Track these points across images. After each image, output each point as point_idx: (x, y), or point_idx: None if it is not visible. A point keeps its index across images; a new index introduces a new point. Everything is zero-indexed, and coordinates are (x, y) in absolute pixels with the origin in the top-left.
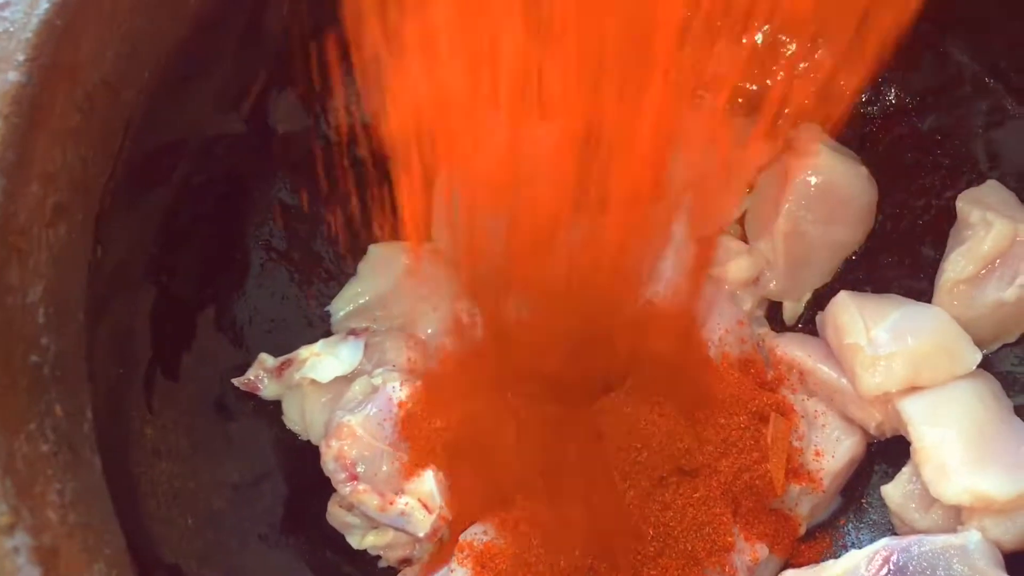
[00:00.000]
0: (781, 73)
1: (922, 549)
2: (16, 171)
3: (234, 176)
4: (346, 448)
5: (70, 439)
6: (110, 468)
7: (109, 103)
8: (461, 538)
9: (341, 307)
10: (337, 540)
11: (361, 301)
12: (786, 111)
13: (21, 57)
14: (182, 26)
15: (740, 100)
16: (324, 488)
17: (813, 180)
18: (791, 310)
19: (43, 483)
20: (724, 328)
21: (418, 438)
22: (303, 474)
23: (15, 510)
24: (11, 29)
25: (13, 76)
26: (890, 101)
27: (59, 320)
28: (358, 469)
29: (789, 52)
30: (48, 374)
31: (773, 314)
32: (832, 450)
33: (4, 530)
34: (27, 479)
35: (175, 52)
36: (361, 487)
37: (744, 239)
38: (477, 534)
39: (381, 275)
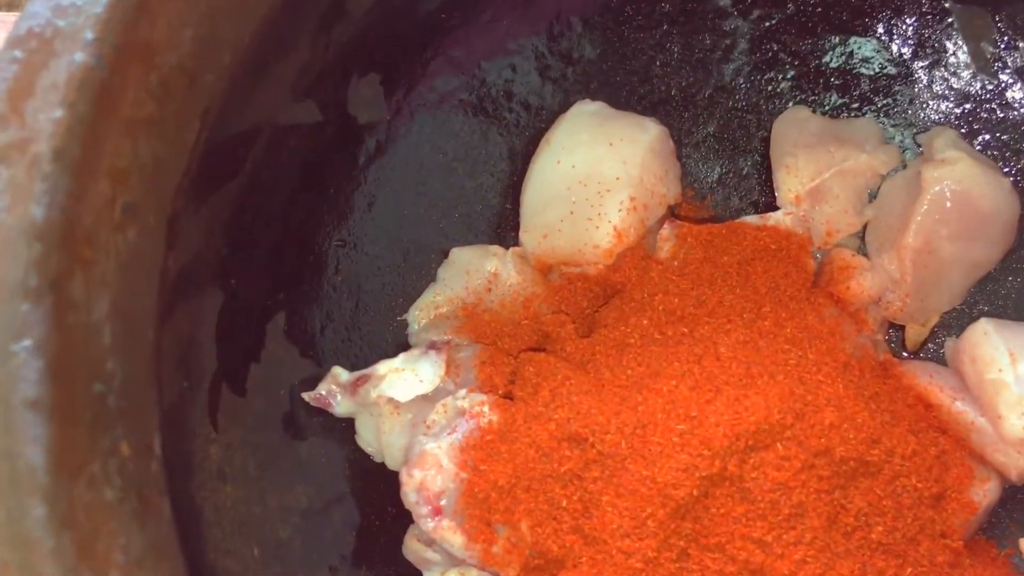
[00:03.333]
0: None
1: None
2: (83, 167)
3: (308, 169)
4: (429, 479)
5: (137, 483)
6: (174, 497)
7: (186, 90)
8: None
9: (419, 316)
10: (412, 574)
11: (441, 310)
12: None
13: (90, 36)
14: (264, 3)
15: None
16: (399, 516)
17: (950, 191)
18: (915, 335)
19: (107, 538)
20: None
21: (507, 470)
22: (376, 500)
23: (75, 572)
24: (79, 3)
25: (81, 57)
26: None
27: (127, 340)
28: (442, 502)
29: None
30: (114, 405)
31: (892, 339)
32: None
33: None
34: (89, 534)
35: (256, 33)
36: (446, 523)
37: (862, 252)
38: None
39: (463, 281)
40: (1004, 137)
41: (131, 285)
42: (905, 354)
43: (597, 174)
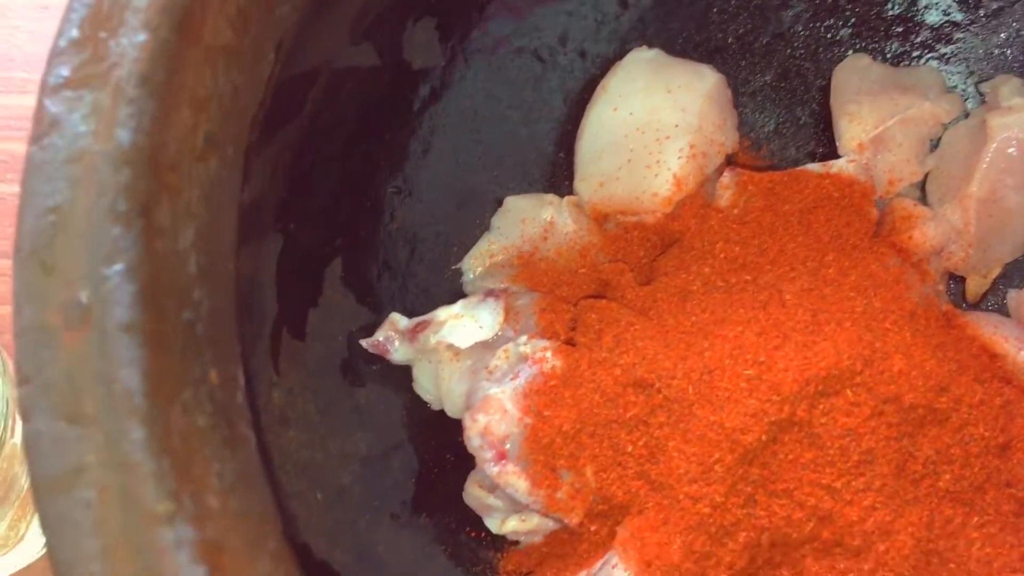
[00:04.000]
0: None
1: None
2: (167, 94)
3: (364, 114)
4: (494, 424)
5: (227, 411)
6: None
7: (263, 20)
8: (621, 531)
9: (474, 264)
10: (474, 521)
11: (496, 259)
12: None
13: None
14: None
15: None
16: (458, 464)
17: (1016, 140)
18: (976, 286)
19: (202, 463)
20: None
21: (572, 416)
22: (435, 448)
23: (175, 496)
24: None
25: None
26: None
27: (212, 270)
28: (506, 447)
29: None
30: (202, 334)
31: (952, 291)
32: None
33: (163, 520)
34: (185, 459)
35: None
36: (510, 468)
37: (923, 202)
38: (641, 527)
39: (518, 230)
40: None
41: (213, 216)
42: (965, 306)
43: (655, 121)
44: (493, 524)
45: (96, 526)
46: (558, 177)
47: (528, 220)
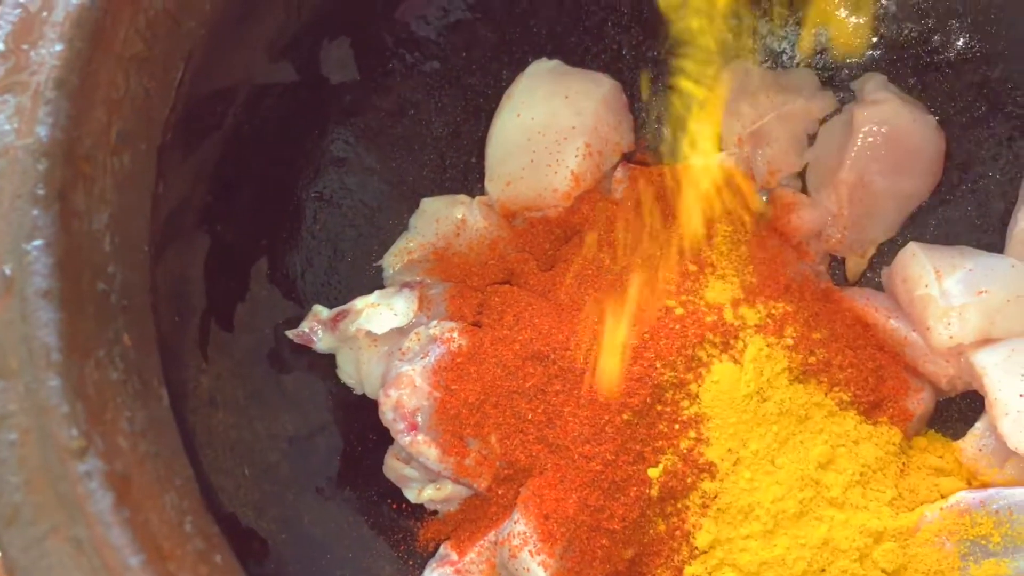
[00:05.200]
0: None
1: (1000, 504)
2: (80, 96)
3: (285, 126)
4: (405, 398)
5: (139, 369)
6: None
7: (171, 33)
8: (524, 491)
9: (393, 261)
10: (394, 494)
11: (414, 256)
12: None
13: None
14: None
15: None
16: (380, 443)
17: (879, 129)
18: (855, 265)
19: (113, 410)
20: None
21: (476, 388)
22: (358, 429)
23: (87, 435)
24: None
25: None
26: (959, 48)
27: (125, 249)
28: (417, 419)
29: None
30: (115, 302)
31: (834, 272)
32: None
33: (76, 454)
34: (98, 405)
35: None
36: (421, 438)
37: (805, 192)
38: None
39: (434, 229)
40: (929, 80)
41: (127, 203)
42: (846, 284)
43: (554, 124)
44: (411, 494)
45: (19, 462)
46: (471, 179)
47: (442, 219)
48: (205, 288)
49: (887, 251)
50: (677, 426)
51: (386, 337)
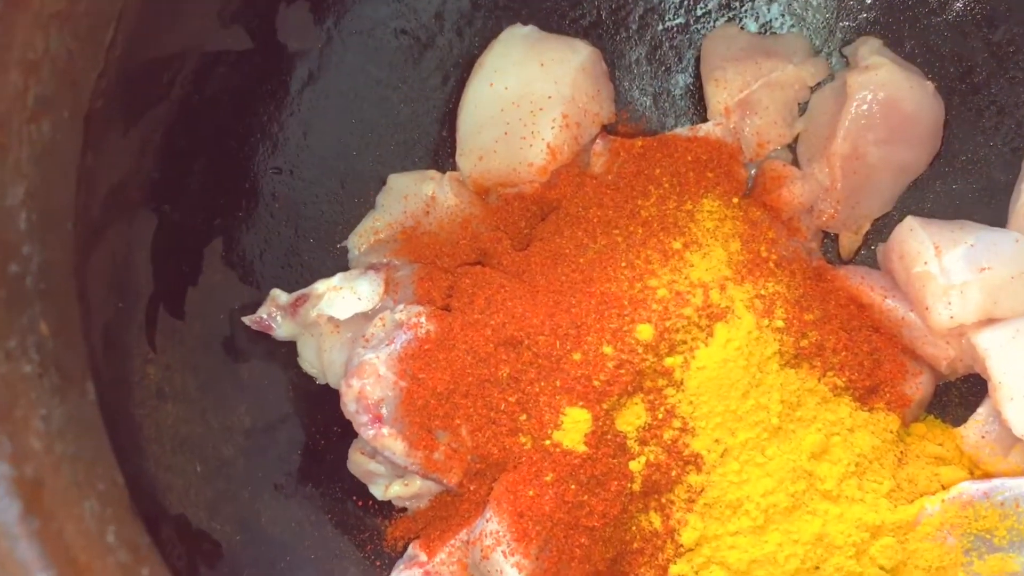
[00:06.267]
0: None
1: (1005, 495)
2: None
3: (240, 97)
4: (368, 388)
5: (58, 361)
6: (108, 407)
7: None
8: (496, 487)
9: (359, 242)
10: (360, 491)
11: (380, 236)
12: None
13: None
14: None
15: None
16: (344, 436)
17: (874, 96)
18: (849, 243)
19: (25, 407)
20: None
21: (446, 377)
22: (321, 421)
23: None
24: None
25: None
26: (958, 9)
27: (44, 228)
28: (382, 411)
29: None
30: (31, 287)
31: (827, 249)
32: None
33: None
34: (7, 402)
35: None
36: (386, 431)
37: (796, 165)
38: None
39: (402, 207)
40: (928, 43)
41: (46, 176)
42: (840, 262)
43: (529, 94)
44: (377, 491)
45: None
46: (441, 154)
47: (411, 196)
48: (152, 271)
49: (883, 227)
50: (660, 415)
51: (349, 323)
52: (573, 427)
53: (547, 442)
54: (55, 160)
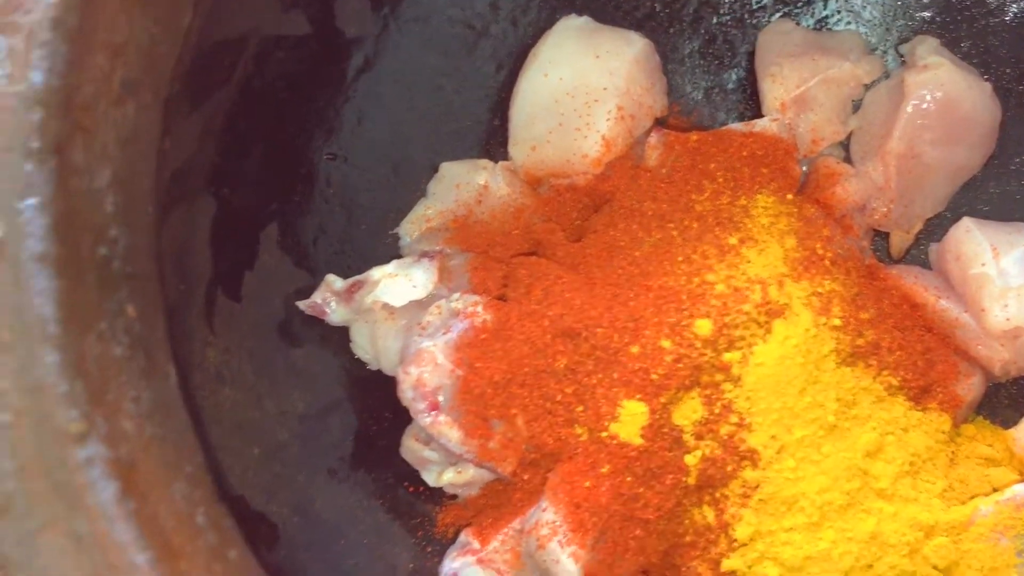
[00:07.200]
0: None
1: None
2: (80, 38)
3: (297, 82)
4: (426, 376)
5: (145, 343)
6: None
7: None
8: (552, 477)
9: (411, 229)
10: (412, 477)
11: (432, 224)
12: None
13: None
14: None
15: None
16: (396, 422)
17: (932, 96)
18: (900, 242)
19: (117, 389)
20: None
21: (502, 367)
22: (373, 406)
23: (88, 417)
24: None
25: None
26: (1017, 10)
27: (129, 211)
28: (439, 398)
29: None
30: (119, 269)
31: (877, 248)
32: None
33: (76, 439)
34: (100, 384)
35: None
36: (443, 418)
37: (848, 162)
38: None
39: (453, 195)
40: (985, 44)
41: (131, 159)
42: (890, 261)
43: (584, 85)
44: (430, 477)
45: (12, 447)
46: (493, 143)
47: (463, 185)
48: (211, 255)
49: (934, 227)
50: (717, 410)
51: (404, 310)
52: (630, 419)
53: (603, 434)
54: (138, 144)
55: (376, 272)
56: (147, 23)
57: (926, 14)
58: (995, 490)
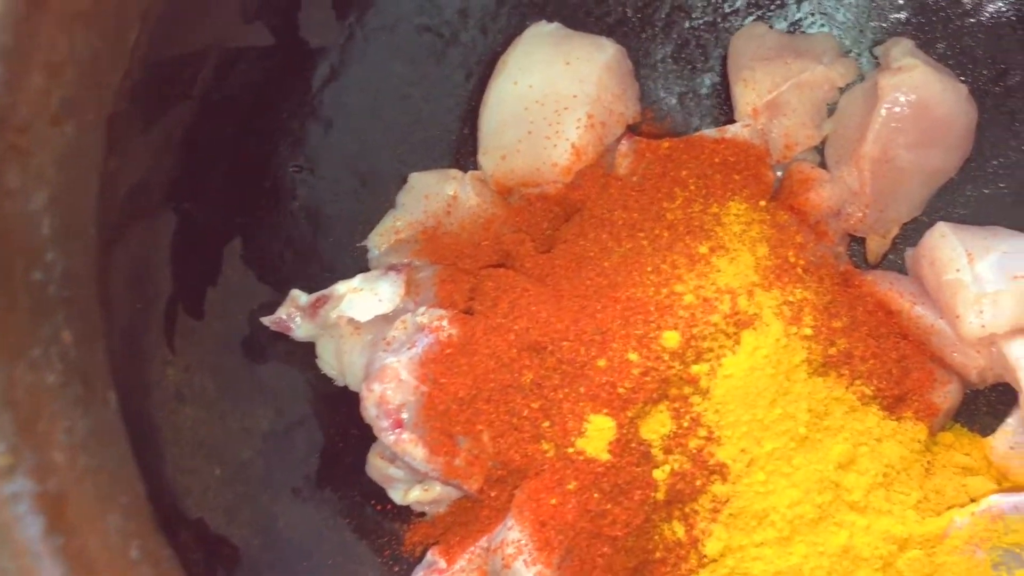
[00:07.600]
0: None
1: None
2: (15, 57)
3: (261, 94)
4: (389, 392)
5: (81, 370)
6: (128, 411)
7: None
8: (518, 494)
9: (379, 241)
10: (379, 495)
11: (401, 235)
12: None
13: None
14: None
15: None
16: (363, 439)
17: (906, 99)
18: (876, 247)
19: (49, 419)
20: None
21: (468, 382)
22: (339, 423)
23: (15, 449)
24: None
25: None
26: (992, 10)
27: (67, 234)
28: (403, 416)
29: None
30: (54, 294)
31: (853, 253)
32: None
33: (2, 473)
34: (30, 414)
35: None
36: (406, 436)
37: (823, 167)
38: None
39: (423, 206)
40: (961, 45)
41: (70, 181)
42: (867, 267)
43: (554, 93)
44: (397, 495)
45: None
46: (463, 153)
47: (432, 196)
48: (172, 271)
49: (911, 231)
50: (686, 424)
51: (370, 325)
52: (597, 435)
53: (570, 450)
54: (78, 163)
55: (341, 286)
56: (90, 39)
57: (901, 15)
58: (972, 500)
